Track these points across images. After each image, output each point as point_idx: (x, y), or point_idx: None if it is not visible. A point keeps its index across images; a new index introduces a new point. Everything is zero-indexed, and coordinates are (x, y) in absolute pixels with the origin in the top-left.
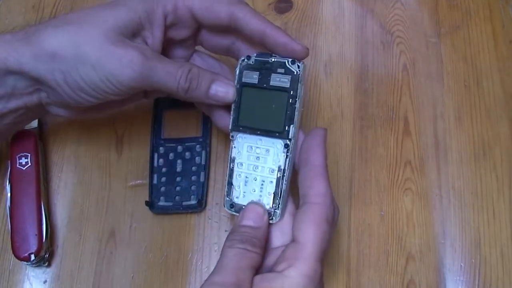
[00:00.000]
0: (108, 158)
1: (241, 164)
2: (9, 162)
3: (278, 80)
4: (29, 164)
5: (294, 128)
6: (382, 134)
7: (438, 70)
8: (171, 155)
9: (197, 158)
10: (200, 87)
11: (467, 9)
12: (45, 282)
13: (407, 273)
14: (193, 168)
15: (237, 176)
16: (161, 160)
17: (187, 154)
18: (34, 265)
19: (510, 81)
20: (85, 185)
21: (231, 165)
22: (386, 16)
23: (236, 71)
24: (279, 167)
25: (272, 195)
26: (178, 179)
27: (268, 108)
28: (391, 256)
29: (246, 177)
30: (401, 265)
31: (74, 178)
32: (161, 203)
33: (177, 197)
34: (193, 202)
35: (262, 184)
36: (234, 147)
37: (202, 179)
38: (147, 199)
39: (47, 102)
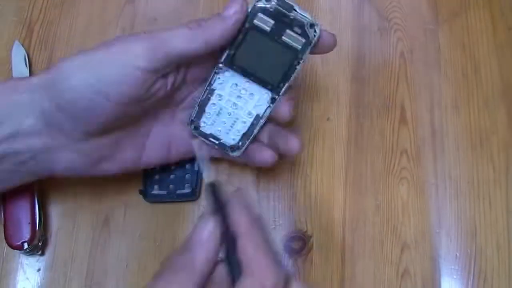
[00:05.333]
0: None
1: (220, 96)
2: None
3: (292, 38)
4: None
5: (286, 86)
6: (378, 122)
7: (436, 58)
8: None
9: None
10: (211, 25)
11: None
12: (38, 270)
13: (402, 262)
14: None
15: (211, 105)
16: None
17: None
18: (27, 254)
19: (508, 69)
20: None
21: (209, 93)
22: (383, 3)
23: (248, 8)
24: (257, 114)
25: (241, 135)
26: (172, 167)
27: (269, 60)
28: (386, 245)
29: (220, 109)
30: (396, 254)
31: None
32: (155, 191)
33: (171, 186)
34: (187, 190)
35: (234, 121)
36: (219, 78)
37: (196, 167)
38: (141, 187)
39: (58, 145)
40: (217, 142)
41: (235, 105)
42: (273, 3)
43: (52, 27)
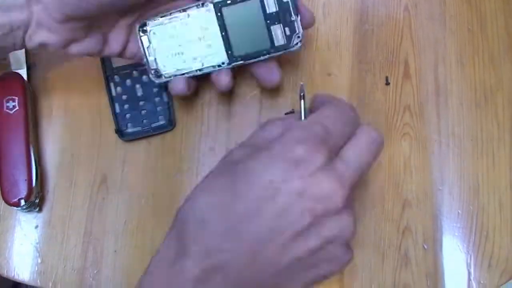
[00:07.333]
0: (99, 101)
1: (185, 25)
2: None
3: (277, 35)
4: (17, 107)
5: (239, 64)
6: (381, 78)
7: (441, 12)
8: (128, 82)
9: None
10: None
11: None
12: (36, 227)
13: (403, 220)
14: (154, 90)
15: (170, 26)
16: (118, 88)
17: (144, 77)
18: (25, 210)
19: None
20: (76, 128)
21: (177, 14)
22: None
23: None
24: (200, 66)
25: (175, 69)
26: (141, 103)
27: (247, 34)
28: (388, 203)
29: (176, 35)
30: (397, 211)
31: (65, 122)
32: (130, 130)
33: (144, 121)
34: (162, 122)
35: (177, 54)
36: (198, 10)
37: (165, 99)
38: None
39: (38, 21)
40: (150, 58)
41: (190, 42)
42: None
43: None
